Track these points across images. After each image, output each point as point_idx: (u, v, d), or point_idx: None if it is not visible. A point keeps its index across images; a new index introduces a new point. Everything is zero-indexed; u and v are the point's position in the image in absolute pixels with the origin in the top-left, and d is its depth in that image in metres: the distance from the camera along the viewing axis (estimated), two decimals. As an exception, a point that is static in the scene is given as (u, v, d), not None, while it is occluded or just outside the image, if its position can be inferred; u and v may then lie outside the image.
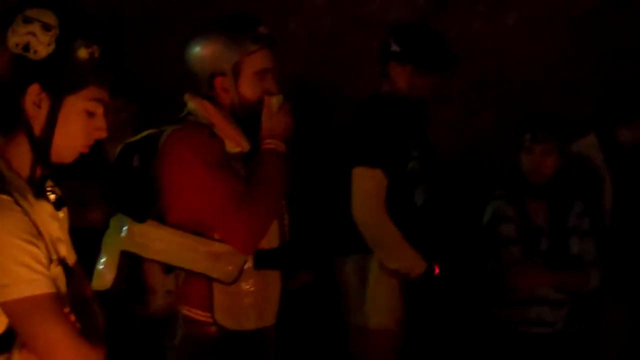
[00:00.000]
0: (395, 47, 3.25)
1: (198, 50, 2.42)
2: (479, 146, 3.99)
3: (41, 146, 1.72)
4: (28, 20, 1.69)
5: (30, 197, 1.73)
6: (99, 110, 1.77)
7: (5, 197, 1.66)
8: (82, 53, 1.71)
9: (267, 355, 2.49)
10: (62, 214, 1.85)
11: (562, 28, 4.13)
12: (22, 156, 1.73)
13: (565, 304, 3.27)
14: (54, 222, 1.79)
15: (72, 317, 1.72)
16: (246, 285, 2.36)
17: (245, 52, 2.38)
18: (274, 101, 2.42)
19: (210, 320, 2.35)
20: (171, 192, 2.33)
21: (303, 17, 4.12)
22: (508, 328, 3.25)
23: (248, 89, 2.40)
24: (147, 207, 2.36)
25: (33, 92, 1.70)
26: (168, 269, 2.35)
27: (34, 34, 1.68)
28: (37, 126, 1.72)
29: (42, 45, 1.68)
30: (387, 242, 3.13)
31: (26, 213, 1.68)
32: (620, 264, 3.45)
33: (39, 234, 1.69)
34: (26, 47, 1.68)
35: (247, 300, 2.37)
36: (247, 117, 2.42)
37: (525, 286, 3.19)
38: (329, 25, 4.15)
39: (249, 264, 2.36)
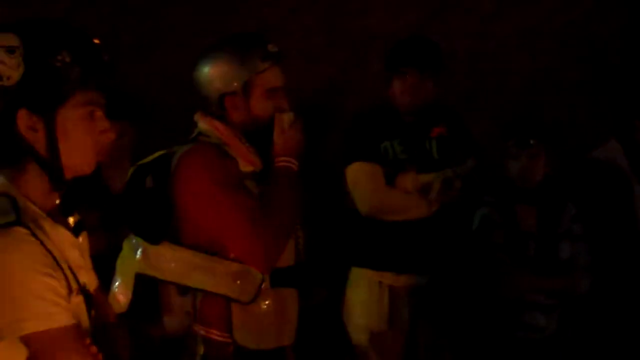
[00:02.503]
0: None
1: (207, 70, 2.41)
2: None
3: (52, 166, 1.69)
4: None
5: (47, 224, 1.69)
6: (97, 113, 1.72)
7: (21, 229, 1.62)
8: (53, 63, 1.64)
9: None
10: (81, 239, 1.82)
11: (550, 37, 4.18)
12: (33, 183, 1.70)
13: (556, 308, 3.23)
14: (72, 248, 1.75)
15: (94, 349, 1.69)
16: (264, 305, 2.34)
17: (256, 71, 2.38)
18: (286, 118, 2.40)
19: (229, 340, 2.32)
20: (186, 213, 2.32)
21: (295, 36, 4.13)
22: (504, 333, 3.22)
23: (259, 107, 2.40)
24: (162, 229, 2.34)
25: (23, 118, 1.65)
26: (184, 290, 2.33)
27: (2, 62, 1.63)
28: (41, 148, 1.68)
29: (11, 69, 1.63)
30: (395, 204, 3.20)
31: (43, 243, 1.64)
32: None
33: (57, 264, 1.66)
34: None
35: (266, 319, 2.35)
36: (258, 134, 2.42)
37: (513, 292, 3.16)
38: (321, 43, 4.17)
39: (266, 284, 2.34)
